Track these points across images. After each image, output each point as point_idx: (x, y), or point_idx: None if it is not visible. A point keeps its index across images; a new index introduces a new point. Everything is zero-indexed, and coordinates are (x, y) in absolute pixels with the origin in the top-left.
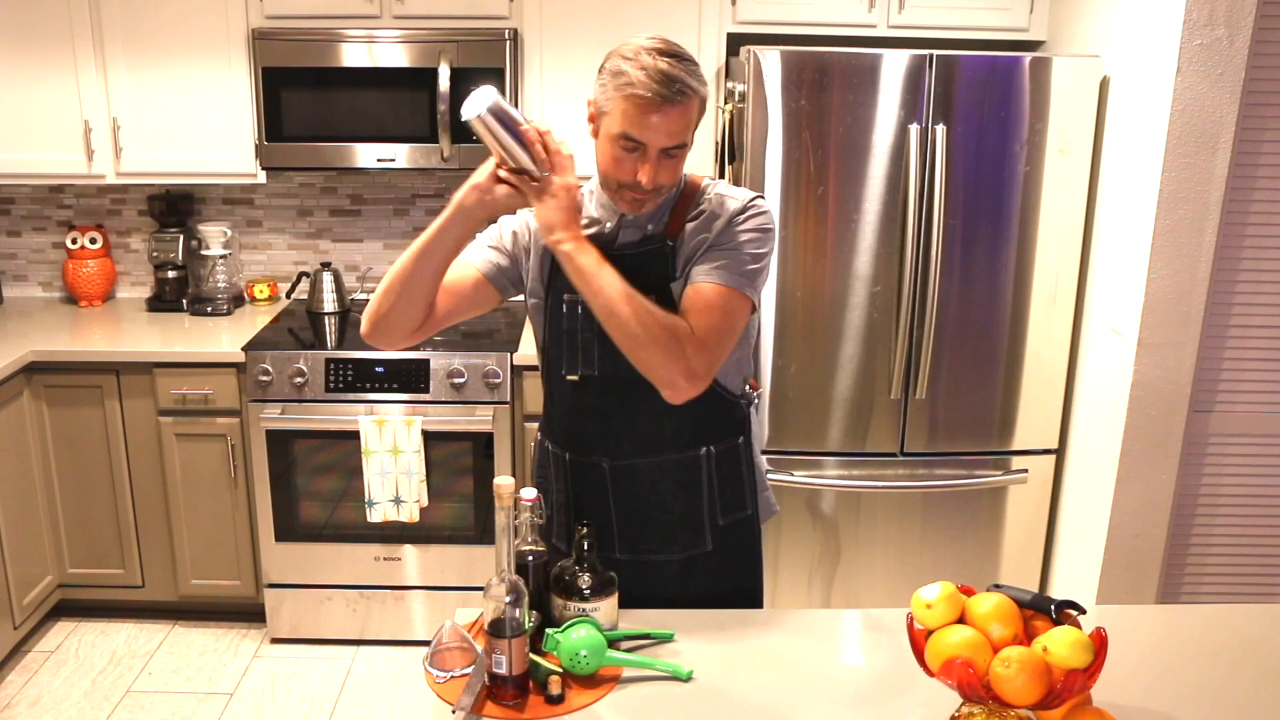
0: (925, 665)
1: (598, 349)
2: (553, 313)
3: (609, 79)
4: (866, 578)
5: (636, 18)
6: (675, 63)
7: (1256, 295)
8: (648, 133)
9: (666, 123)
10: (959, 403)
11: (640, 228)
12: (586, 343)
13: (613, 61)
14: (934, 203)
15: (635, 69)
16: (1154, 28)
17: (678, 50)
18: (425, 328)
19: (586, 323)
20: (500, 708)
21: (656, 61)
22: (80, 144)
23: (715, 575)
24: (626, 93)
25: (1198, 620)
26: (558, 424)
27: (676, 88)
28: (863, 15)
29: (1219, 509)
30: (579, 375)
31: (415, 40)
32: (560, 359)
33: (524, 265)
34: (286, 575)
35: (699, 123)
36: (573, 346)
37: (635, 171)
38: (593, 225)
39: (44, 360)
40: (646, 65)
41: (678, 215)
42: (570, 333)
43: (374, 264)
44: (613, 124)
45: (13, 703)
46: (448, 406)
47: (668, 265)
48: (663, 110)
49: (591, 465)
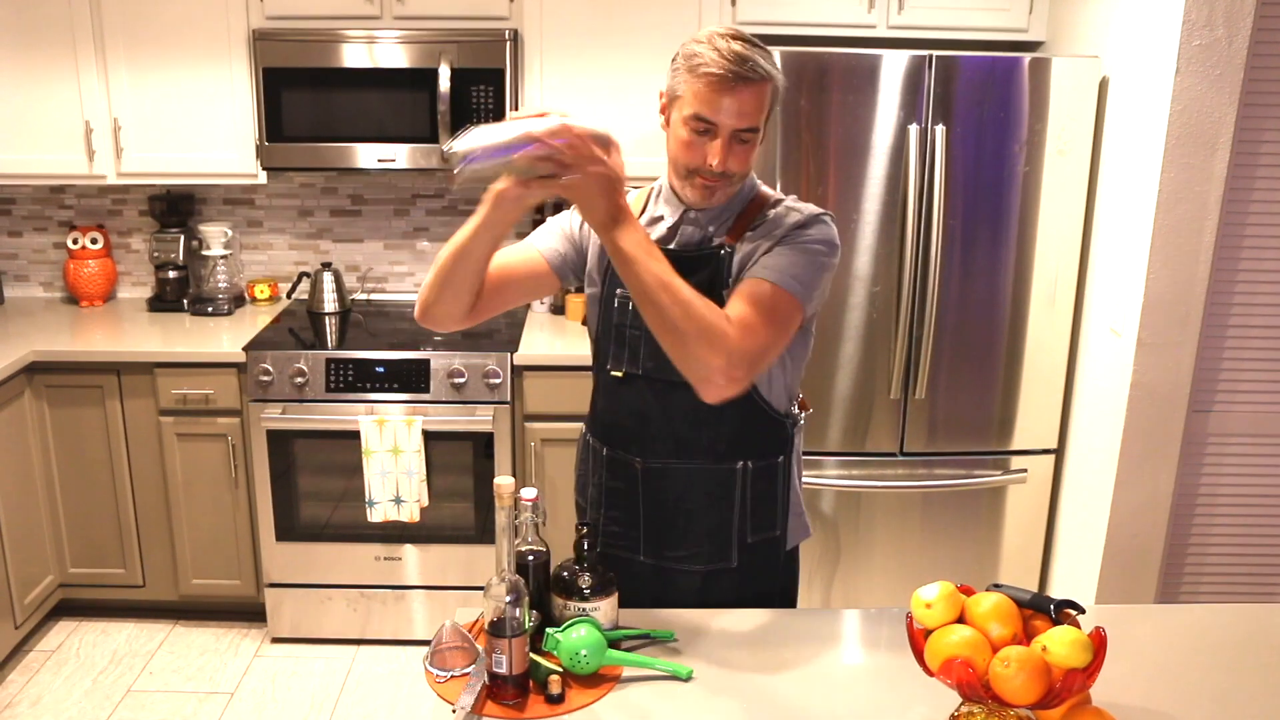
0: (925, 665)
1: (644, 347)
2: (605, 305)
3: (682, 62)
4: (866, 577)
5: (636, 18)
6: (748, 46)
7: (1255, 295)
8: (720, 113)
9: (739, 103)
10: (958, 403)
11: (701, 228)
12: (634, 339)
13: (686, 47)
14: (933, 203)
15: (709, 50)
16: (1153, 28)
17: (750, 37)
18: (477, 312)
19: (635, 319)
20: (500, 707)
21: (730, 44)
22: (81, 144)
23: (737, 591)
24: (700, 72)
25: (1197, 620)
26: (599, 418)
27: (749, 66)
28: (862, 16)
29: (1218, 509)
30: (623, 372)
31: (415, 40)
32: (608, 353)
33: (587, 255)
34: (287, 575)
35: (771, 111)
36: (620, 342)
37: (706, 155)
38: (655, 223)
39: (45, 360)
40: (720, 47)
41: (741, 223)
42: (619, 327)
43: (374, 264)
44: (685, 106)
45: (14, 702)
46: (448, 406)
47: (722, 270)
48: (735, 90)
49: (625, 463)
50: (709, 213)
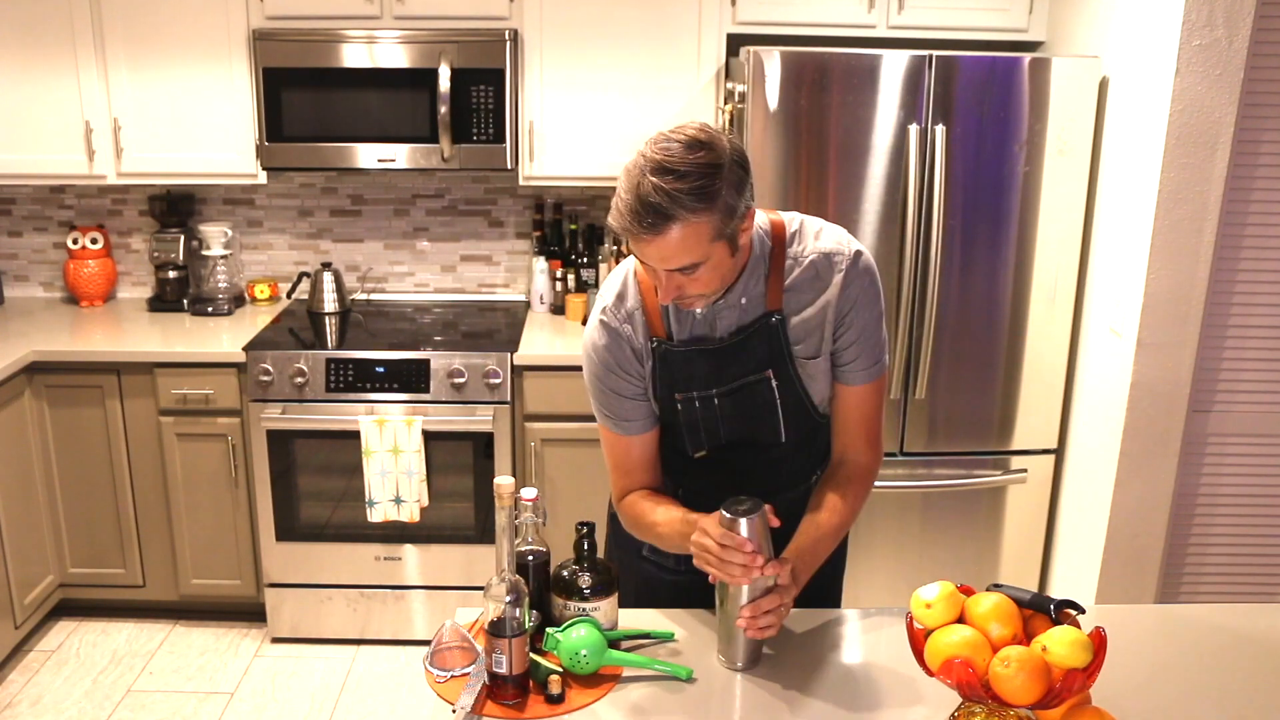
0: (925, 665)
1: (723, 429)
2: (664, 407)
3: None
4: (866, 577)
5: (636, 18)
6: (665, 182)
7: (1255, 295)
8: (646, 258)
9: (657, 250)
10: (959, 402)
11: (734, 306)
12: (710, 428)
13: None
14: (933, 203)
15: (623, 190)
16: (1153, 28)
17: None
18: None
19: (705, 412)
20: (500, 707)
21: (642, 182)
22: (81, 144)
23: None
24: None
25: (1197, 620)
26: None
27: (650, 221)
28: (862, 15)
29: (1218, 509)
30: (707, 451)
31: (415, 40)
32: (681, 439)
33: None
34: (287, 575)
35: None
36: (694, 432)
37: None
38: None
39: (45, 360)
40: (632, 187)
41: (774, 283)
42: (690, 423)
43: (374, 264)
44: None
45: (14, 702)
46: (448, 406)
47: (779, 340)
48: (650, 241)
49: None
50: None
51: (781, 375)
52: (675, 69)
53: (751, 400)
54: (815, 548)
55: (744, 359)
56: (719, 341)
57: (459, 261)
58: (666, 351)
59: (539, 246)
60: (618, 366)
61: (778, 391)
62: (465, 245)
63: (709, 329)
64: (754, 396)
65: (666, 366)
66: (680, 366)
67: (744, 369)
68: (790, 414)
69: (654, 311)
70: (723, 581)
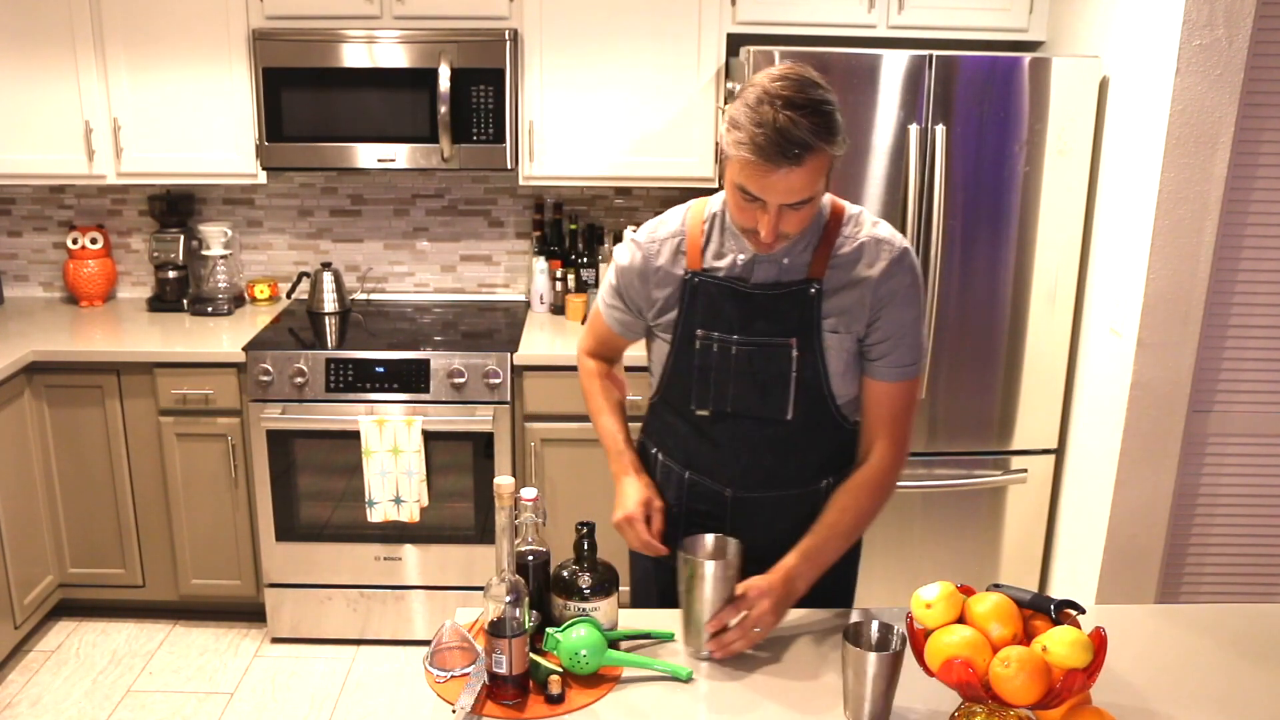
0: (925, 665)
1: (731, 388)
2: (682, 346)
3: (729, 128)
4: (866, 578)
5: (637, 18)
6: (799, 115)
7: (1255, 295)
8: (765, 192)
9: (785, 181)
10: (959, 403)
11: (775, 262)
12: (720, 381)
13: (736, 107)
14: (933, 203)
15: (752, 124)
16: (1153, 28)
17: (809, 97)
18: None
19: (722, 361)
20: (500, 707)
21: (777, 115)
22: (81, 144)
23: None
24: (744, 151)
25: (1197, 620)
26: (679, 444)
27: (794, 151)
28: (862, 15)
29: (1218, 509)
30: (710, 410)
31: (415, 40)
32: (689, 392)
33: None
34: (287, 575)
35: (831, 169)
36: (704, 383)
37: (754, 220)
38: (722, 257)
39: (45, 360)
40: (764, 120)
41: (821, 253)
42: (703, 369)
43: (374, 264)
44: (733, 173)
45: (14, 702)
46: (448, 406)
47: (813, 311)
48: (778, 171)
49: (713, 491)
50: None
51: (804, 346)
52: (675, 69)
53: (768, 363)
54: (824, 547)
55: (773, 317)
56: (753, 288)
57: (459, 261)
58: (701, 283)
59: (539, 246)
60: (623, 290)
61: (795, 362)
62: (465, 245)
63: (747, 273)
64: (771, 360)
65: (696, 299)
66: (710, 302)
67: (770, 328)
68: (802, 391)
69: (694, 242)
70: (688, 574)
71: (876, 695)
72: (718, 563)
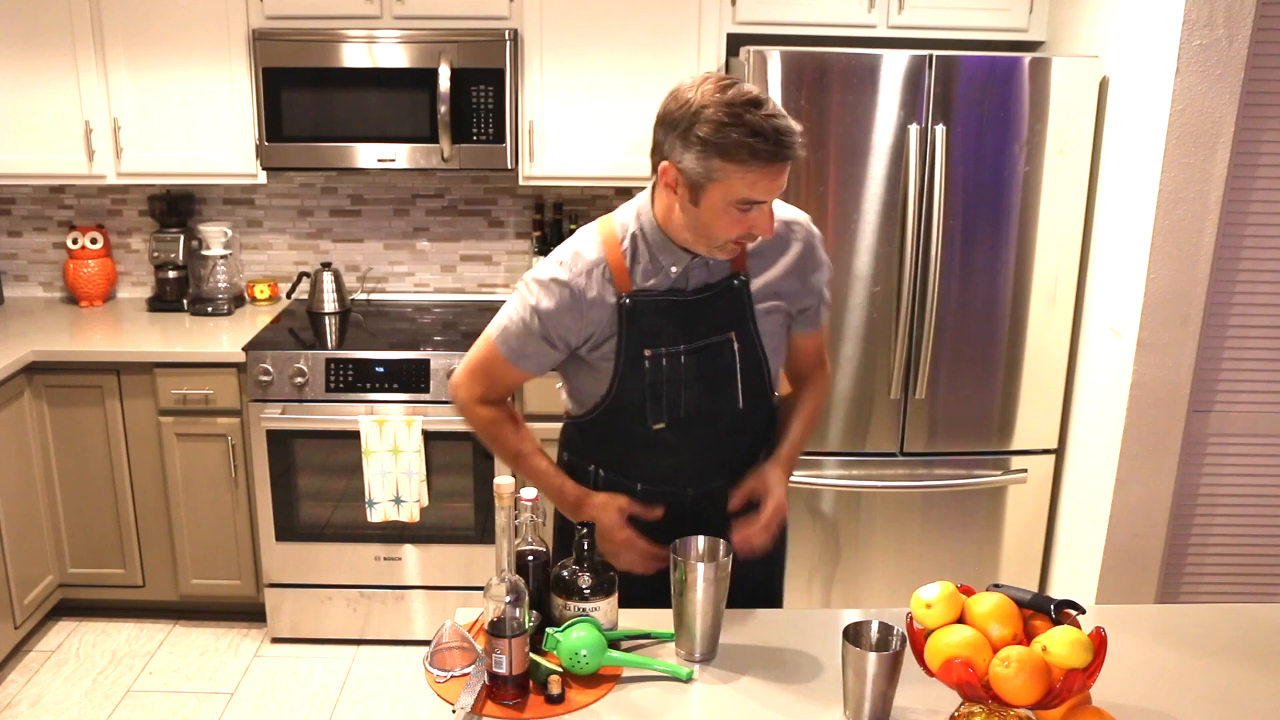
0: (925, 665)
1: (684, 396)
2: (628, 368)
3: (711, 148)
4: (866, 578)
5: (637, 18)
6: (772, 110)
7: (1255, 295)
8: (771, 191)
9: (782, 176)
10: (959, 403)
11: (703, 265)
12: (672, 393)
13: (703, 126)
14: (934, 203)
15: (746, 136)
16: (1153, 28)
17: (755, 93)
18: None
19: (673, 373)
20: (500, 707)
21: (761, 120)
22: (81, 144)
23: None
24: (750, 162)
25: (1197, 620)
26: (628, 459)
27: (794, 142)
28: (862, 15)
29: (1218, 509)
30: (665, 421)
31: (415, 40)
32: (641, 409)
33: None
34: (287, 575)
35: None
36: (656, 398)
37: (749, 226)
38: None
39: (45, 360)
40: (757, 128)
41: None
42: (654, 385)
43: (374, 264)
44: (730, 191)
45: (14, 702)
46: (448, 406)
47: (743, 301)
48: (783, 168)
49: (671, 494)
50: None
51: (743, 337)
52: (675, 69)
53: (714, 362)
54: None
55: (709, 318)
56: (691, 294)
57: (459, 261)
58: (637, 304)
59: (539, 246)
60: (551, 332)
61: (738, 355)
62: (465, 245)
63: (683, 282)
64: (717, 358)
65: (636, 320)
66: (650, 319)
67: (709, 328)
68: (748, 379)
69: (618, 266)
70: (680, 577)
71: (876, 695)
72: (710, 565)
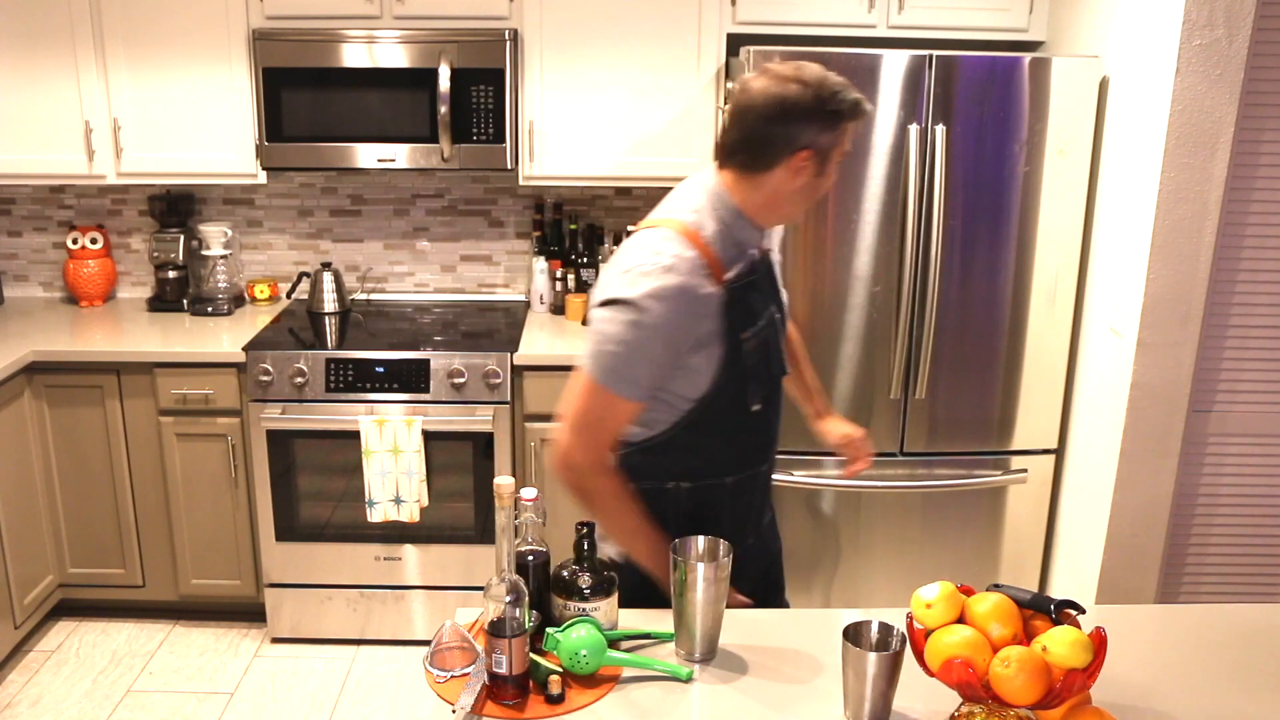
0: (925, 665)
1: (771, 370)
2: (730, 355)
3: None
4: (866, 578)
5: (637, 18)
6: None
7: (1256, 295)
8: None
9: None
10: (959, 403)
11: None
12: (763, 370)
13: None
14: (934, 203)
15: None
16: (1153, 28)
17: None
18: None
19: (762, 348)
20: (500, 707)
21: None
22: (81, 144)
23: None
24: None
25: (1197, 620)
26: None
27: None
28: (862, 15)
29: (1218, 509)
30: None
31: (415, 40)
32: (737, 396)
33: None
34: (287, 575)
35: None
36: (756, 378)
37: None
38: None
39: (45, 360)
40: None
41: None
42: (753, 367)
43: (374, 264)
44: (842, 148)
45: (13, 702)
46: (448, 406)
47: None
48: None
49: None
50: None
51: (779, 303)
52: (675, 69)
53: (774, 335)
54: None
55: (766, 290)
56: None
57: (459, 261)
58: (733, 291)
59: (539, 246)
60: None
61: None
62: (465, 245)
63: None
64: (772, 326)
65: (733, 307)
66: (742, 303)
67: (766, 300)
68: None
69: (713, 260)
70: (680, 577)
71: (876, 695)
72: (710, 565)
